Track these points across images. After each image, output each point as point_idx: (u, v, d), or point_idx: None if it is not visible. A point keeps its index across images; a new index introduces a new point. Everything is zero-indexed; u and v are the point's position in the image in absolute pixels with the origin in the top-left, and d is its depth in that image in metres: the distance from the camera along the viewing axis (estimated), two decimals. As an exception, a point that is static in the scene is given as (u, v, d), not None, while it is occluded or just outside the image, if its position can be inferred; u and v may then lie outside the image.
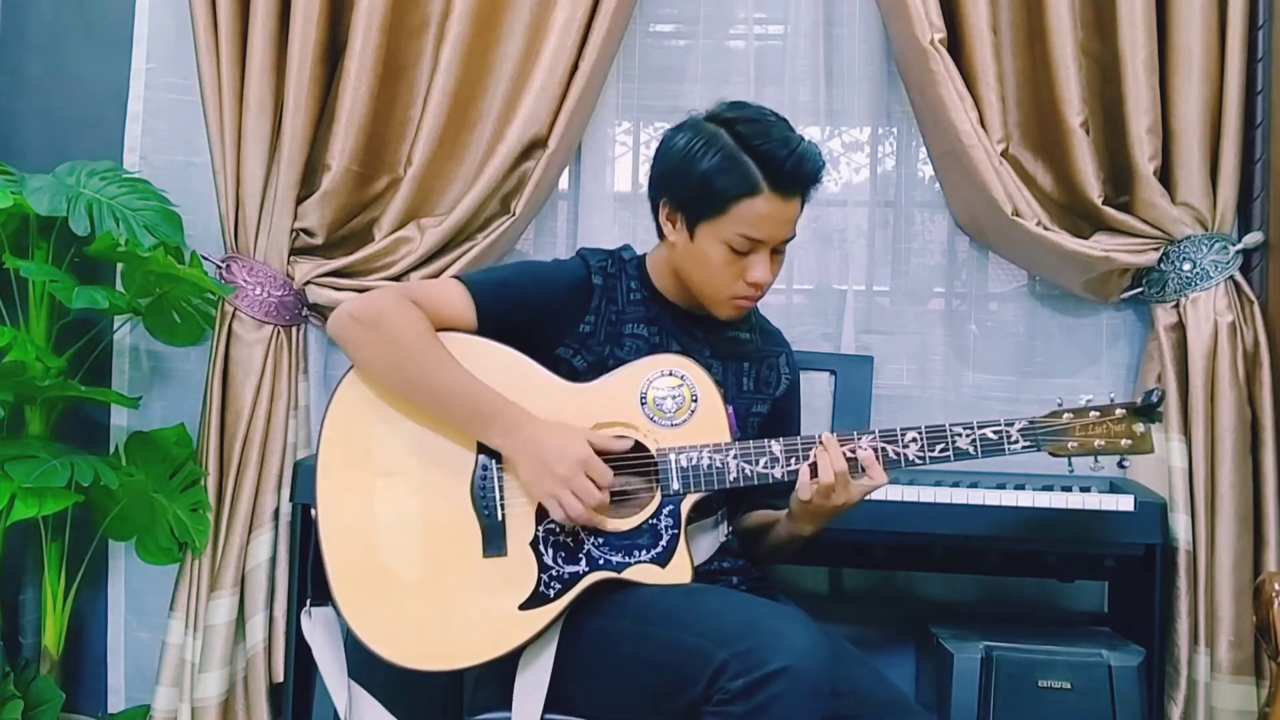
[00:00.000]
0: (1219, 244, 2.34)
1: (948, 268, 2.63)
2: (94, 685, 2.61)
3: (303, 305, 2.50)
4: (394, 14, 2.44)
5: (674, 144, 1.73)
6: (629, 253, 1.85)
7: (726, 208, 1.67)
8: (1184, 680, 2.26)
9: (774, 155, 1.66)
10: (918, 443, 1.70)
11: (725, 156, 1.67)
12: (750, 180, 1.66)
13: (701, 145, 1.68)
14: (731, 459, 1.68)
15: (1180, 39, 2.33)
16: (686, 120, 1.75)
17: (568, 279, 1.78)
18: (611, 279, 1.79)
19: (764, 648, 1.46)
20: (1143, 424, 1.72)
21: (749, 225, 1.67)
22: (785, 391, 1.90)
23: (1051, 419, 1.72)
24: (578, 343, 1.76)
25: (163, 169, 2.56)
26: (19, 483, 2.14)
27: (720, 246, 1.69)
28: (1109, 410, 1.72)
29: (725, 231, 1.68)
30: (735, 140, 1.67)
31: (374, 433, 1.72)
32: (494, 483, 1.69)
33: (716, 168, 1.67)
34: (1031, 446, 1.71)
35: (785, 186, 1.67)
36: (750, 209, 1.67)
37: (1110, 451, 1.72)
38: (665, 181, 1.74)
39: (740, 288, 1.72)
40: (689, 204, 1.71)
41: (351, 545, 1.69)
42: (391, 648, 1.64)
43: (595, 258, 1.81)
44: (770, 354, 1.90)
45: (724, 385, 1.78)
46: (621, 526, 1.67)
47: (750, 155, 1.66)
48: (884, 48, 2.57)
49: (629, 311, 1.79)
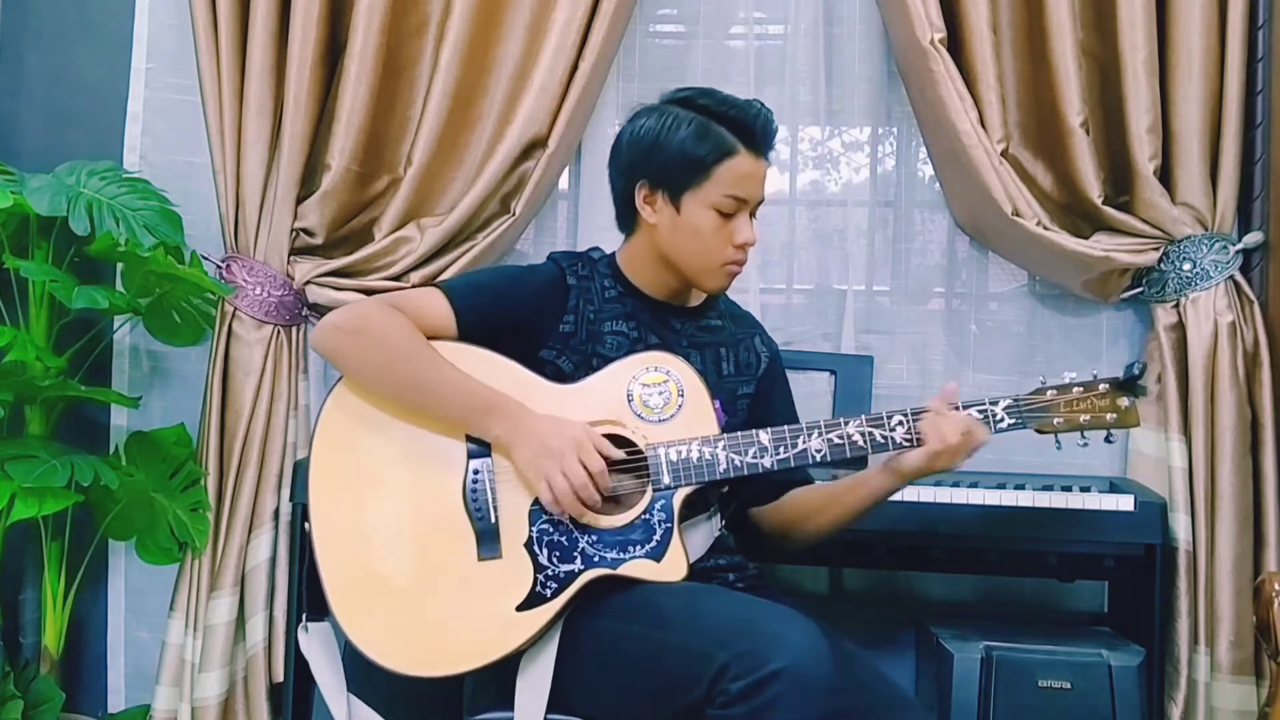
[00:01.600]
0: (1219, 244, 2.34)
1: (948, 268, 2.63)
2: (94, 685, 2.61)
3: (303, 305, 2.50)
4: (394, 14, 2.44)
5: (641, 128, 1.78)
6: (597, 253, 1.88)
7: (710, 171, 1.74)
8: (1184, 680, 2.26)
9: (741, 117, 1.75)
10: (904, 425, 1.72)
11: (698, 125, 1.74)
12: (727, 142, 1.74)
13: (671, 122, 1.75)
14: (720, 450, 1.70)
15: (1180, 39, 2.33)
16: (641, 109, 1.81)
17: (543, 280, 1.81)
18: (585, 280, 1.82)
19: (764, 649, 1.46)
20: (1127, 398, 1.74)
21: (733, 185, 1.74)
22: (766, 369, 1.92)
23: (1036, 396, 1.75)
24: (560, 344, 1.77)
25: (163, 169, 2.56)
26: (19, 483, 2.14)
27: (708, 212, 1.75)
28: (1092, 385, 1.75)
29: (712, 195, 1.74)
30: (700, 112, 1.75)
31: (363, 443, 1.73)
32: (486, 486, 1.69)
33: (694, 137, 1.74)
34: (1018, 424, 1.74)
35: (757, 145, 1.76)
36: (732, 169, 1.74)
37: (1096, 426, 1.74)
38: (640, 164, 1.78)
39: (731, 252, 1.77)
40: (670, 178, 1.75)
41: (346, 555, 1.69)
42: (391, 655, 1.64)
43: (566, 260, 1.84)
44: (744, 336, 1.93)
45: (705, 373, 1.79)
46: (615, 523, 1.67)
47: (719, 121, 1.74)
48: (884, 48, 2.58)
49: (605, 309, 1.81)
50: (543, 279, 1.81)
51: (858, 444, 1.72)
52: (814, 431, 1.72)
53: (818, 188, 2.65)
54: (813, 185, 2.65)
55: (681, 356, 1.75)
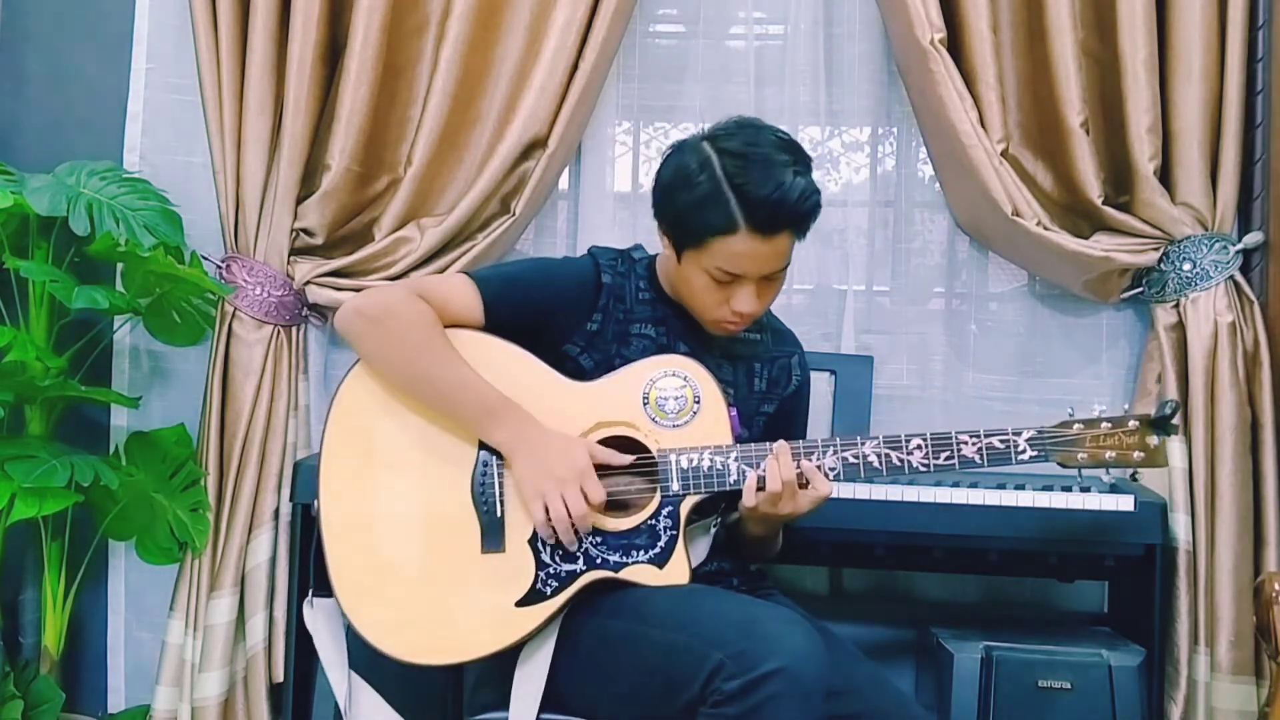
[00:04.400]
0: (1219, 244, 2.33)
1: (948, 268, 2.62)
2: (94, 685, 2.61)
3: (303, 305, 2.50)
4: (394, 14, 2.44)
5: (667, 167, 1.72)
6: (640, 253, 1.85)
7: (703, 243, 1.66)
8: (1184, 680, 2.26)
9: (754, 195, 1.62)
10: (922, 450, 1.69)
11: (704, 194, 1.64)
12: (728, 219, 1.63)
13: (687, 176, 1.67)
14: (732, 461, 1.68)
15: (1180, 39, 2.33)
16: (688, 139, 1.73)
17: (576, 276, 1.78)
18: (620, 278, 1.79)
19: (759, 649, 1.46)
20: (1156, 436, 1.67)
21: (725, 261, 1.66)
22: (794, 392, 1.90)
23: (1061, 429, 1.69)
24: (585, 340, 1.76)
25: (163, 169, 2.56)
26: (19, 483, 2.14)
27: (702, 275, 1.69)
28: (1121, 422, 1.68)
29: (705, 263, 1.68)
30: (722, 171, 1.64)
31: (378, 427, 1.73)
32: (494, 479, 1.69)
33: (696, 202, 1.65)
34: (1040, 457, 1.68)
35: (764, 226, 1.64)
36: (727, 246, 1.65)
37: (1122, 464, 1.69)
38: (657, 203, 1.75)
39: (725, 313, 1.72)
40: (673, 232, 1.72)
41: (352, 538, 1.69)
42: (389, 640, 1.65)
43: (605, 256, 1.81)
44: (782, 355, 1.90)
45: (735, 385, 1.78)
46: (620, 526, 1.67)
47: (732, 191, 1.63)
48: (884, 48, 2.57)
49: (636, 311, 1.79)
50: (576, 276, 1.78)
51: (873, 465, 1.69)
52: (829, 449, 1.69)
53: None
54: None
55: (701, 364, 1.73)
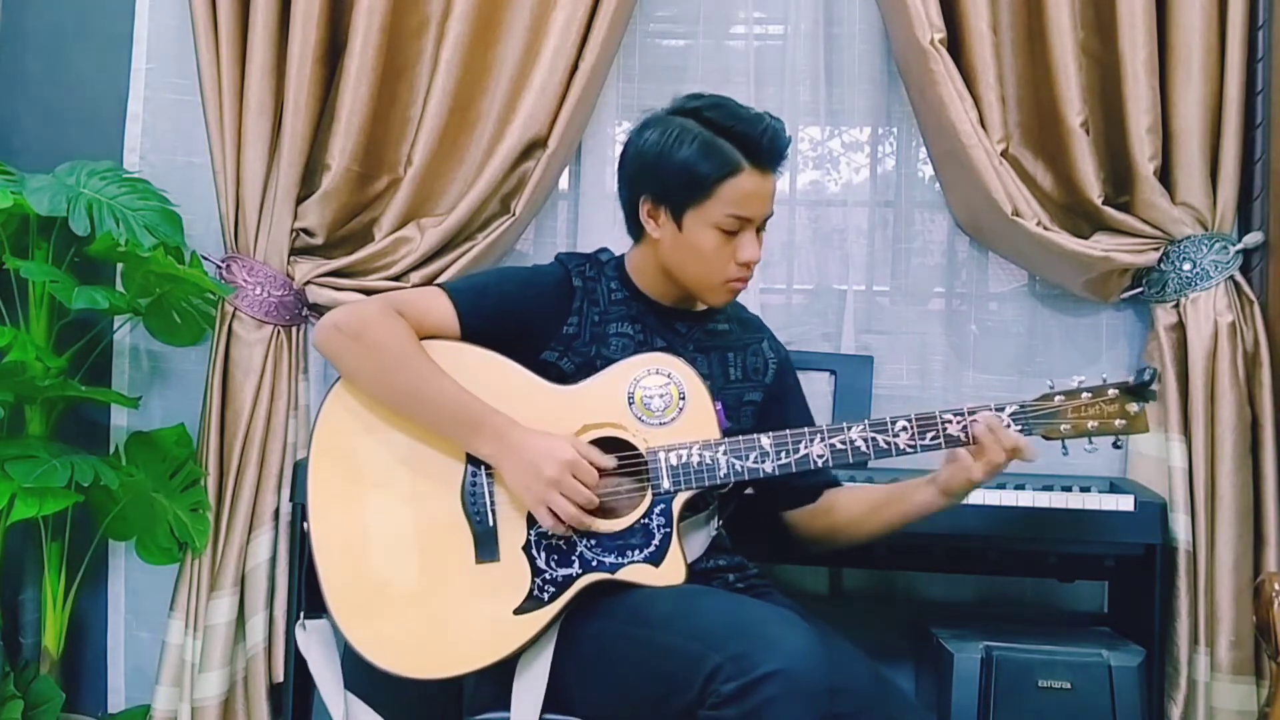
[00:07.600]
0: (1219, 244, 2.33)
1: (948, 268, 2.62)
2: (94, 685, 2.61)
3: (303, 305, 2.50)
4: (394, 14, 2.44)
5: (645, 141, 1.75)
6: (606, 254, 1.87)
7: (712, 190, 1.70)
8: (1184, 680, 2.26)
9: (748, 134, 1.70)
10: (908, 431, 1.71)
11: (702, 142, 1.70)
12: (731, 160, 1.70)
13: (675, 136, 1.71)
14: (721, 455, 1.69)
15: (1180, 39, 2.33)
16: (648, 117, 1.78)
17: (548, 282, 1.80)
18: (591, 281, 1.81)
19: (757, 651, 1.46)
20: (1136, 403, 1.71)
21: (736, 204, 1.71)
22: (775, 375, 1.91)
23: (1043, 402, 1.72)
24: (563, 345, 1.76)
25: (163, 169, 2.56)
26: (19, 483, 2.14)
27: (710, 231, 1.72)
28: (1101, 390, 1.72)
29: (714, 214, 1.71)
30: (706, 126, 1.71)
31: (363, 444, 1.73)
32: (484, 489, 1.69)
33: (696, 154, 1.70)
34: (1024, 431, 1.72)
35: (763, 162, 1.72)
36: (735, 188, 1.70)
37: (1104, 432, 1.72)
38: (643, 178, 1.76)
39: (733, 270, 1.75)
40: (673, 195, 1.73)
41: (345, 557, 1.69)
42: (389, 658, 1.65)
43: (573, 261, 1.83)
44: (752, 340, 1.92)
45: (711, 377, 1.78)
46: (614, 527, 1.67)
47: (725, 137, 1.70)
48: (884, 48, 2.57)
49: (612, 311, 1.80)
50: (548, 281, 1.80)
51: (860, 449, 1.71)
52: (816, 436, 1.71)
53: (818, 188, 2.65)
54: (813, 185, 2.65)
55: (684, 359, 1.74)
